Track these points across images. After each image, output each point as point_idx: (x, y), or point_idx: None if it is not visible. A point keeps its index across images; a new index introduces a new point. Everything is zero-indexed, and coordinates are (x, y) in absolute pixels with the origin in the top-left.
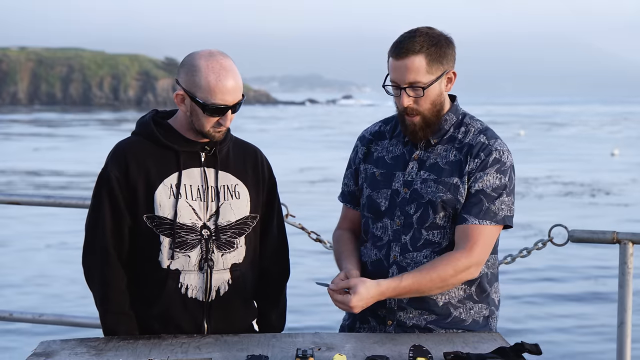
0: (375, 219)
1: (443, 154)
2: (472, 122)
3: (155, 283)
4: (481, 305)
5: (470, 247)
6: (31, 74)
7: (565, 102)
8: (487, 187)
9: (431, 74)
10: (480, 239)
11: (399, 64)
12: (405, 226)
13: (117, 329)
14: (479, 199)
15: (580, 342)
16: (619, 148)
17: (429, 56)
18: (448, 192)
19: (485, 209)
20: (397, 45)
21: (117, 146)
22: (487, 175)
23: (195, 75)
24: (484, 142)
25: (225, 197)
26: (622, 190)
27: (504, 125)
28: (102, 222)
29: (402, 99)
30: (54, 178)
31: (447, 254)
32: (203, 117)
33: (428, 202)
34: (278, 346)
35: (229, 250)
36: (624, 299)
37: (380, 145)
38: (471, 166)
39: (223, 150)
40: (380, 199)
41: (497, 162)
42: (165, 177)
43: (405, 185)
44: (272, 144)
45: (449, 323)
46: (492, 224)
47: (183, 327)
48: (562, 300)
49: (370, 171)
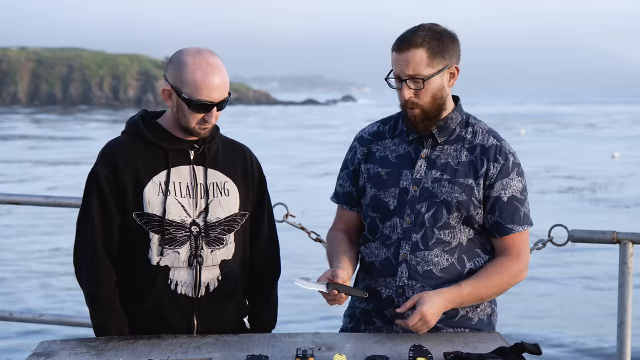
0: (384, 218)
1: (454, 154)
2: (478, 123)
3: (145, 280)
4: (485, 304)
5: (517, 253)
6: (31, 74)
7: (566, 102)
8: (517, 192)
9: (432, 67)
10: (523, 243)
11: (401, 57)
12: (416, 224)
13: (106, 326)
14: (514, 206)
15: (580, 341)
16: (620, 150)
17: (431, 49)
18: (463, 194)
19: (523, 214)
20: (400, 39)
21: (106, 145)
22: (512, 180)
23: (182, 72)
24: (497, 145)
25: (215, 194)
26: (621, 189)
27: (504, 125)
28: (91, 220)
29: (403, 91)
30: (53, 178)
31: (498, 262)
32: (189, 113)
33: (442, 202)
34: (278, 346)
35: (218, 246)
36: (624, 299)
37: (381, 145)
38: (492, 171)
39: (212, 148)
40: (388, 198)
41: (515, 165)
42: (154, 175)
43: (414, 183)
44: (272, 144)
45: (457, 322)
46: (529, 226)
47: (173, 324)
48: (562, 300)
49: (374, 171)
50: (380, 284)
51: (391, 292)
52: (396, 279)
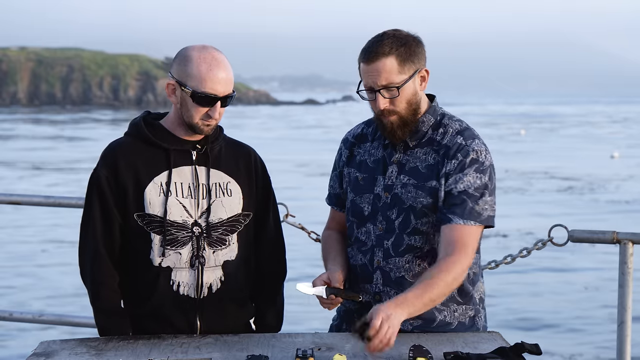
0: (359, 224)
1: (422, 157)
2: (451, 123)
3: (147, 281)
4: (465, 307)
5: (459, 250)
6: (31, 74)
7: (566, 102)
8: (469, 187)
9: (403, 73)
10: (468, 240)
11: (371, 68)
12: (388, 231)
13: (109, 327)
14: (462, 199)
15: (581, 341)
16: (619, 150)
17: (400, 56)
18: (428, 197)
19: (469, 209)
20: (367, 50)
21: (108, 147)
22: (467, 175)
23: (187, 65)
24: (460, 143)
25: (217, 195)
26: (620, 189)
27: (504, 125)
28: (93, 222)
29: (378, 102)
30: (53, 178)
31: (441, 262)
32: (192, 106)
33: (409, 208)
34: (278, 346)
35: (221, 247)
36: (624, 299)
37: (362, 149)
38: (449, 168)
39: (215, 148)
40: (363, 204)
41: (475, 162)
42: (155, 175)
43: (386, 189)
44: (272, 143)
45: (435, 327)
46: (477, 224)
47: (175, 325)
48: (561, 299)
49: (353, 175)
50: (361, 289)
51: (369, 298)
52: (372, 285)
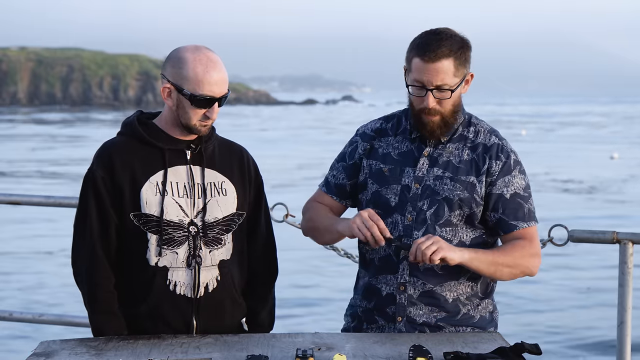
0: (384, 215)
1: (455, 152)
2: (480, 123)
3: (143, 281)
4: (487, 301)
5: (537, 247)
6: (31, 74)
7: (565, 102)
8: (519, 190)
9: (457, 77)
10: (533, 238)
11: (430, 67)
12: (418, 222)
13: (104, 328)
14: (517, 202)
15: (581, 342)
16: (619, 150)
17: (457, 60)
18: (465, 191)
19: (527, 211)
20: (426, 47)
21: (102, 146)
22: (515, 178)
23: (183, 68)
24: (499, 144)
25: (212, 194)
26: (620, 190)
27: (504, 125)
28: (89, 222)
29: (428, 100)
30: (53, 178)
31: (527, 246)
32: (190, 109)
33: (444, 199)
34: (278, 346)
35: (217, 246)
36: (624, 299)
37: (384, 142)
38: (493, 168)
39: (209, 148)
40: (389, 195)
41: (517, 163)
42: (151, 175)
43: (416, 180)
44: (272, 143)
45: (459, 320)
46: (535, 223)
47: (172, 324)
48: (561, 299)
49: (376, 167)
50: (381, 282)
51: (392, 289)
52: (397, 276)
